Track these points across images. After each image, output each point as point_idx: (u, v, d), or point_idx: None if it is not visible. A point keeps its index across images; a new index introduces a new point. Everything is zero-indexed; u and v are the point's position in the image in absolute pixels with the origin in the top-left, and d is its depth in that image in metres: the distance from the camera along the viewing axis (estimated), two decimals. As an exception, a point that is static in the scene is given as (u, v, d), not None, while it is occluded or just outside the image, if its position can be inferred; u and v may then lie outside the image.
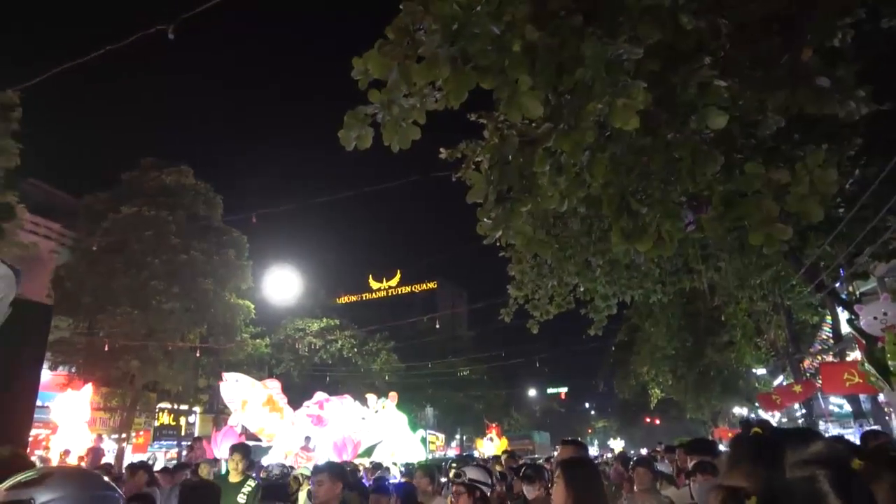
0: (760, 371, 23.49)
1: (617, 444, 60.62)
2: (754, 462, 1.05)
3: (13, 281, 2.82)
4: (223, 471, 7.86)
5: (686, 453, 5.31)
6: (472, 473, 4.76)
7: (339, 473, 3.99)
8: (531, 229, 3.72)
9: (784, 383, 19.14)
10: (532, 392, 63.82)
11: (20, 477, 1.28)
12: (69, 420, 16.12)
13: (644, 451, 30.42)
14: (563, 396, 67.63)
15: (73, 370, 21.92)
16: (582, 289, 8.13)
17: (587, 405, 79.61)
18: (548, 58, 2.80)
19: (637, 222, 3.54)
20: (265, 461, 14.09)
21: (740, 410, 30.17)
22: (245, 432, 17.82)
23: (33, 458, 13.20)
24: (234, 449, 6.40)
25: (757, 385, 24.03)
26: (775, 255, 8.65)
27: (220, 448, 15.74)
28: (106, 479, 1.40)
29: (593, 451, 47.33)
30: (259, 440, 17.60)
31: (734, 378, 23.74)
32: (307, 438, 16.41)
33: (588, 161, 3.39)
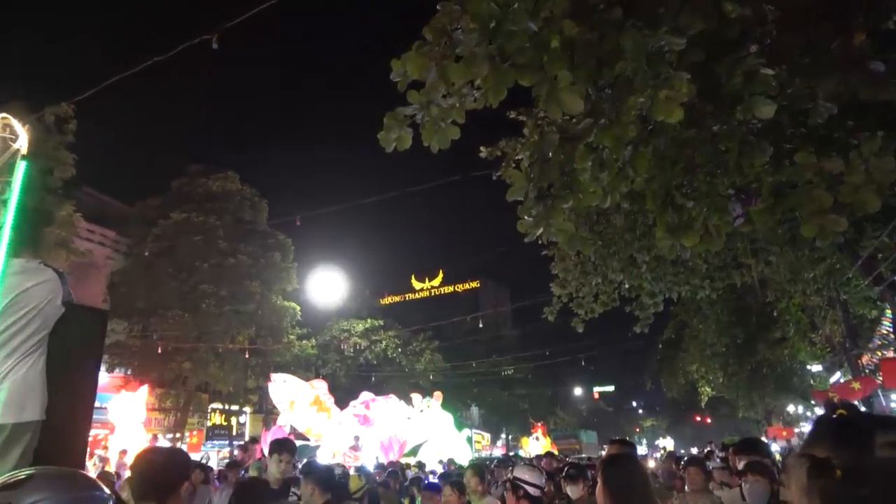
0: (816, 367, 22.71)
1: (666, 444, 59.51)
2: (838, 440, 1.05)
3: (58, 283, 2.95)
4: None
5: (735, 453, 5.18)
6: (522, 473, 4.74)
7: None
8: (573, 226, 3.67)
9: (841, 380, 18.48)
10: (578, 391, 63.16)
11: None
12: (126, 420, 16.69)
13: (694, 451, 29.77)
14: (595, 396, 66.41)
15: (129, 372, 22.70)
16: (627, 286, 8.00)
17: (634, 403, 78.30)
18: (587, 52, 2.77)
19: (682, 217, 3.47)
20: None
21: (795, 408, 29.26)
22: (294, 432, 18.15)
23: (94, 457, 13.69)
24: (283, 447, 4.79)
25: (812, 382, 23.25)
26: (829, 247, 8.37)
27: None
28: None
29: (642, 450, 46.52)
30: (307, 440, 17.90)
31: (788, 375, 23.02)
32: (356, 438, 16.61)
33: (631, 156, 3.33)
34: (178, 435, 23.28)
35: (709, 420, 52.17)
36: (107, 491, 1.34)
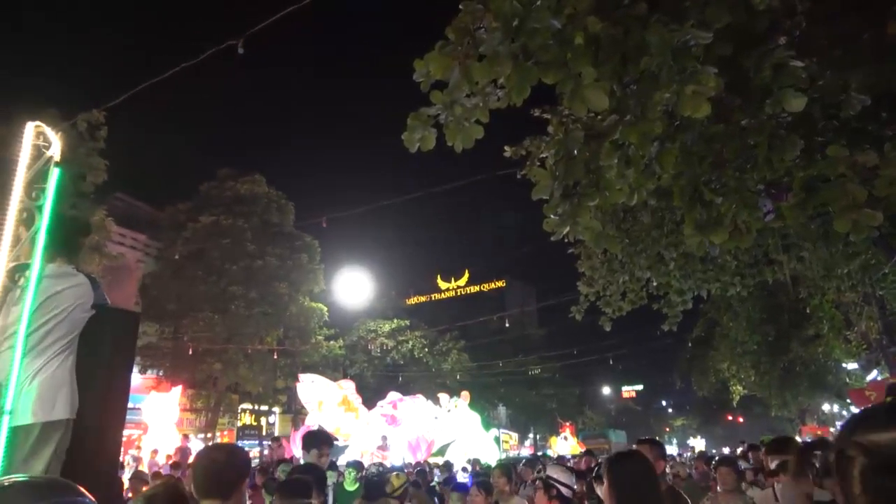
0: (852, 365, 22.20)
1: (697, 443, 58.70)
2: (853, 427, 1.02)
3: (88, 287, 3.03)
4: None
5: (767, 453, 5.07)
6: (555, 472, 4.72)
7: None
8: (599, 224, 3.64)
9: (879, 378, 18.03)
10: (606, 390, 62.64)
11: None
12: (159, 421, 16.99)
13: (726, 450, 29.31)
14: (629, 395, 65.63)
15: (161, 373, 23.11)
16: (655, 283, 7.90)
17: (664, 403, 77.33)
18: (612, 48, 2.75)
19: (711, 213, 3.42)
20: (342, 460, 14.40)
21: (830, 407, 28.66)
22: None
23: (127, 457, 13.98)
24: (321, 440, 4.52)
25: (848, 380, 22.73)
26: (864, 242, 8.15)
27: (299, 446, 16.22)
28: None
29: (672, 449, 46.00)
30: (336, 439, 18.02)
31: (822, 373, 22.53)
32: (384, 438, 16.70)
33: (657, 152, 3.30)
34: (209, 435, 23.61)
35: (741, 419, 51.33)
36: (89, 497, 1.32)
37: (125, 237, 27.47)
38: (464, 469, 13.21)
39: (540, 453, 32.65)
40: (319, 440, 4.50)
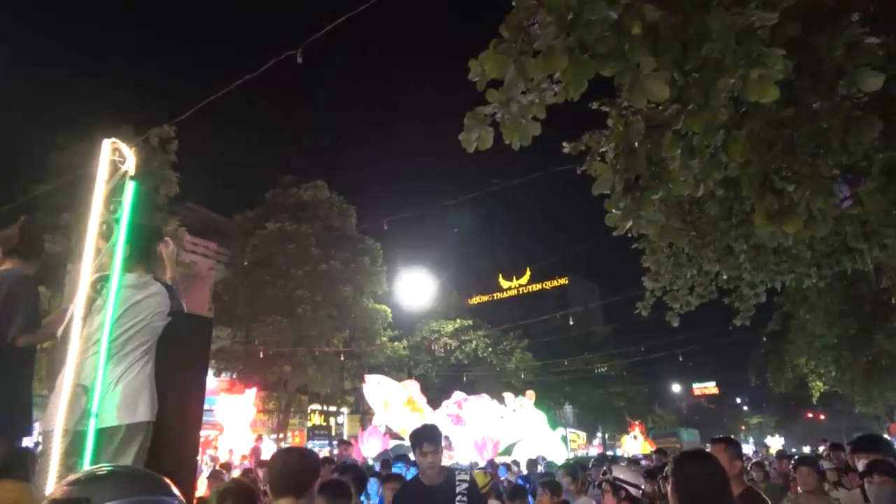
0: (945, 359, 20.86)
1: (775, 442, 56.37)
2: None
3: (166, 296, 3.19)
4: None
5: (854, 452, 4.79)
6: (620, 473, 4.65)
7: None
8: (664, 217, 3.56)
9: (974, 371, 16.89)
10: (676, 387, 60.99)
11: (77, 475, 1.26)
12: (234, 422, 17.61)
13: (807, 450, 28.04)
14: (696, 392, 63.58)
15: (234, 376, 23.94)
16: (725, 277, 7.63)
17: (738, 400, 74.57)
18: (671, 36, 2.67)
19: (783, 202, 3.27)
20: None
21: (921, 403, 27.02)
22: (389, 432, 18.53)
23: (205, 456, 14.55)
24: (421, 437, 4.05)
25: (941, 374, 21.37)
26: (954, 227, 7.64)
27: (367, 446, 16.50)
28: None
29: (748, 449, 44.35)
30: (402, 439, 18.23)
31: (912, 367, 21.26)
32: (446, 438, 16.75)
33: (723, 141, 3.19)
34: (280, 435, 24.32)
35: (822, 417, 49.01)
36: (178, 496, 1.31)
37: (197, 245, 28.56)
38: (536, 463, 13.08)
39: (609, 453, 32.09)
40: (420, 439, 4.06)
